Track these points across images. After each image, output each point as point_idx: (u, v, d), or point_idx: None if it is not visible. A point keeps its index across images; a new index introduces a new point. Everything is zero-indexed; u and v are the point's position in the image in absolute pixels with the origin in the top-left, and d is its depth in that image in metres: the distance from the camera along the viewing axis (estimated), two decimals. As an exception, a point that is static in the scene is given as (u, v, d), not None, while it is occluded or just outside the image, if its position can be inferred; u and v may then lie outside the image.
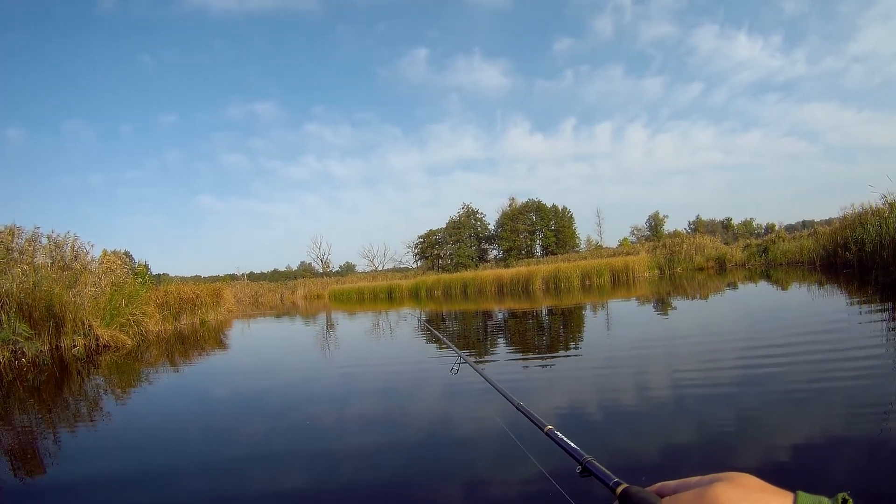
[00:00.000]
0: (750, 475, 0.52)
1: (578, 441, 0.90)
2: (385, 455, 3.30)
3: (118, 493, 3.06)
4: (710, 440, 2.94)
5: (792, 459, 2.60)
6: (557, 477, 2.27)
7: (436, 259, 56.33)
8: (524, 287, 25.84)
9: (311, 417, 4.47)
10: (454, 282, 30.42)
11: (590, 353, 6.35)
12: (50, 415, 5.25)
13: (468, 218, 56.51)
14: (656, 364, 5.29)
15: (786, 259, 23.45)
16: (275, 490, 2.86)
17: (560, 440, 0.97)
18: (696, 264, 28.63)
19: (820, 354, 4.93)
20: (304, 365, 7.81)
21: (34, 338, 8.93)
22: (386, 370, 6.61)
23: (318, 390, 5.78)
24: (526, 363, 6.28)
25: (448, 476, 2.85)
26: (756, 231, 64.59)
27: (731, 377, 4.38)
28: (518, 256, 53.20)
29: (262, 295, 39.63)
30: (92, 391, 6.48)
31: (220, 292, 19.29)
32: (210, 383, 6.85)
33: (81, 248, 13.15)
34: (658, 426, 3.27)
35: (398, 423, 4.04)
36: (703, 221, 65.97)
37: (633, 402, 3.92)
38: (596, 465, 0.81)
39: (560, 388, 4.63)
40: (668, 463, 2.67)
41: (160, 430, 4.54)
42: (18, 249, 11.10)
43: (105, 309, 10.79)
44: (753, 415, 3.34)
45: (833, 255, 17.63)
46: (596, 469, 0.80)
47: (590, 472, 0.82)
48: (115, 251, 17.36)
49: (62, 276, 10.74)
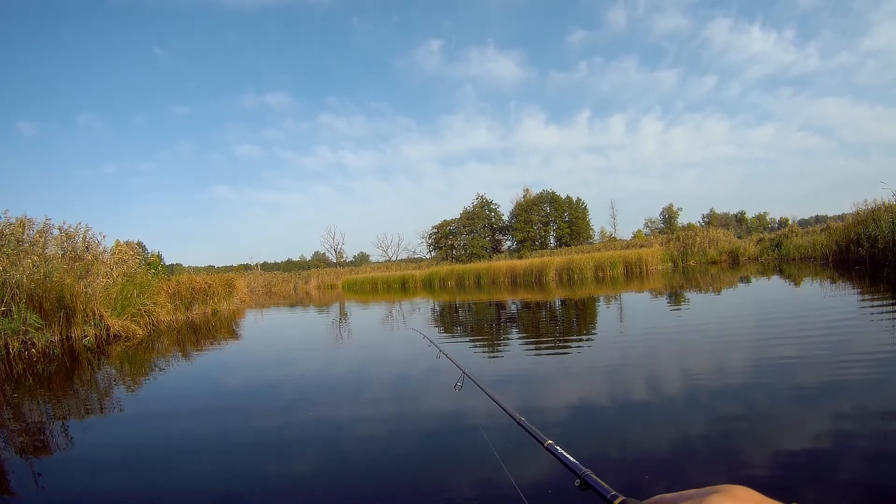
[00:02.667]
0: (747, 488, 0.51)
1: (583, 443, 1.19)
2: (385, 450, 3.27)
3: (129, 483, 3.06)
4: (714, 446, 2.84)
5: (799, 462, 2.53)
6: (557, 490, 2.25)
7: (449, 249, 56.33)
8: (537, 278, 25.87)
9: (320, 408, 4.46)
10: (467, 272, 30.44)
11: (598, 349, 6.24)
12: (60, 404, 5.23)
13: (482, 208, 56.29)
14: (664, 363, 5.17)
15: (798, 254, 23.23)
16: (285, 479, 2.87)
17: (560, 454, 1.02)
18: (710, 258, 28.38)
19: (830, 354, 4.82)
20: (314, 356, 7.78)
21: (44, 328, 8.94)
22: (394, 364, 6.46)
23: (329, 382, 5.76)
24: (536, 356, 6.22)
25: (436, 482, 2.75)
26: (769, 225, 63.88)
27: (739, 378, 4.27)
28: (532, 247, 52.94)
29: (275, 285, 39.96)
30: (102, 381, 6.47)
31: (232, 282, 19.33)
32: (221, 373, 6.85)
33: (93, 238, 13.21)
34: (662, 429, 3.17)
35: (401, 419, 3.92)
36: (716, 215, 65.26)
37: (636, 402, 3.82)
38: (594, 479, 0.84)
39: (565, 386, 4.52)
40: (671, 468, 2.58)
41: (170, 419, 4.54)
42: (29, 241, 11.12)
43: (116, 299, 10.79)
44: (761, 418, 3.25)
45: (845, 251, 17.61)
46: (594, 482, 0.83)
47: (588, 485, 0.85)
48: (128, 242, 17.41)
49: (73, 266, 10.75)
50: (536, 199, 55.52)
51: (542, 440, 1.13)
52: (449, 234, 56.77)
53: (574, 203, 56.11)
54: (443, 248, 56.92)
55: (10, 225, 10.86)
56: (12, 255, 9.69)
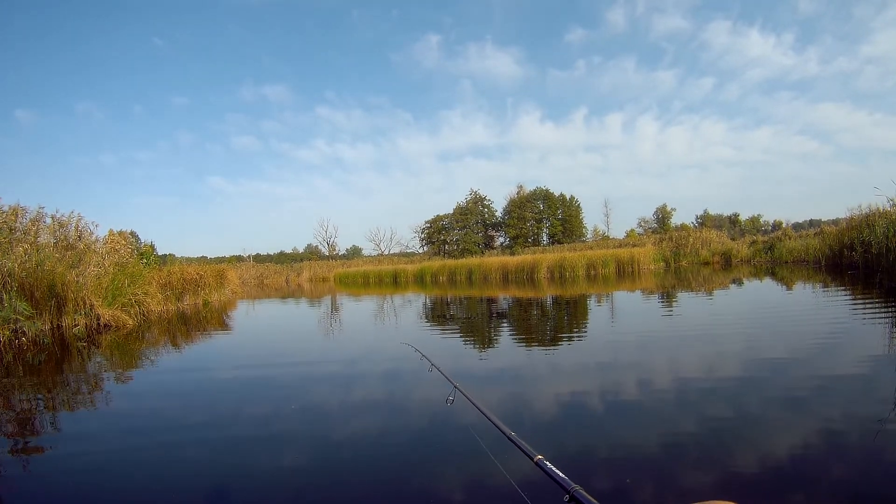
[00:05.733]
0: (730, 503, 0.52)
1: (571, 449, 1.18)
2: (374, 445, 3.30)
3: (117, 473, 3.05)
4: (703, 454, 2.79)
5: (788, 467, 2.53)
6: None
7: (442, 244, 56.27)
8: (529, 275, 25.84)
9: (309, 400, 4.50)
10: (459, 268, 30.38)
11: (587, 349, 6.26)
12: (49, 394, 5.22)
13: (475, 204, 56.25)
14: (653, 366, 5.12)
15: (791, 257, 23.25)
16: (275, 472, 2.88)
17: (549, 470, 1.03)
18: (702, 258, 28.55)
19: (821, 357, 4.86)
20: (304, 348, 7.81)
21: (35, 317, 8.93)
22: (384, 358, 6.52)
23: (319, 374, 5.80)
24: (525, 355, 6.25)
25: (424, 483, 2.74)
26: (763, 228, 63.96)
27: (728, 383, 4.24)
28: (524, 244, 52.99)
29: (267, 277, 39.91)
30: (92, 370, 6.47)
31: (224, 273, 19.32)
32: (210, 364, 6.86)
33: (86, 227, 13.10)
34: (650, 437, 3.10)
35: (390, 426, 3.85)
36: (710, 216, 65.52)
37: (624, 408, 3.76)
38: (582, 494, 0.86)
39: (552, 389, 4.45)
40: (658, 477, 2.54)
41: (160, 409, 4.54)
42: (22, 230, 11.04)
43: (107, 289, 10.77)
44: (750, 423, 3.23)
45: (838, 255, 17.52)
46: (583, 498, 0.85)
47: (578, 501, 0.87)
48: (122, 231, 17.37)
49: (65, 255, 10.72)
50: (530, 196, 55.50)
51: (531, 455, 1.14)
52: (442, 229, 56.67)
53: (568, 201, 56.22)
54: (435, 243, 56.81)
55: (2, 213, 10.77)
56: (4, 244, 9.63)
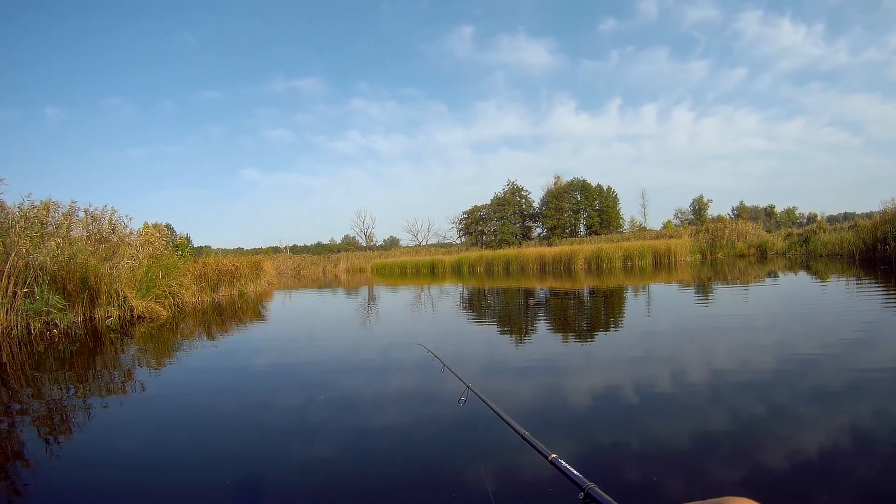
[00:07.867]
0: (749, 500, 0.50)
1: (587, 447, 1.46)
2: (396, 439, 3.24)
3: (149, 461, 3.03)
4: (723, 452, 2.73)
5: (816, 465, 2.45)
6: (561, 503, 2.14)
7: (479, 235, 55.90)
8: (566, 266, 25.65)
9: (339, 392, 4.45)
10: (497, 258, 30.07)
11: (620, 344, 6.16)
12: (81, 384, 5.17)
13: (513, 195, 55.59)
14: (682, 361, 4.98)
15: (826, 250, 22.60)
16: (306, 462, 2.90)
17: (563, 468, 1.03)
18: (738, 251, 27.64)
19: (853, 355, 4.72)
20: (340, 339, 7.79)
21: (67, 309, 8.95)
22: (405, 356, 6.15)
23: (350, 366, 5.71)
24: (558, 346, 6.23)
25: None
26: (798, 220, 61.95)
27: (756, 376, 4.15)
28: (562, 235, 52.14)
29: (304, 268, 40.34)
30: (125, 361, 6.44)
31: (259, 264, 19.41)
32: (243, 354, 6.82)
33: (119, 220, 13.26)
34: (670, 434, 3.01)
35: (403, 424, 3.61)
36: (746, 208, 63.07)
37: (647, 405, 3.63)
38: (598, 492, 0.86)
39: (577, 385, 4.35)
40: (678, 475, 2.49)
41: (192, 399, 4.53)
42: (54, 224, 11.16)
43: (141, 280, 10.78)
44: (777, 422, 3.11)
45: (872, 249, 17.62)
46: (598, 496, 0.85)
47: (592, 498, 0.86)
48: (157, 224, 17.57)
49: (98, 248, 10.76)
50: (567, 187, 54.54)
51: (546, 454, 1.14)
52: (479, 219, 56.31)
53: (604, 191, 55.00)
54: (473, 234, 56.54)
55: (33, 208, 10.89)
56: (35, 238, 9.68)
